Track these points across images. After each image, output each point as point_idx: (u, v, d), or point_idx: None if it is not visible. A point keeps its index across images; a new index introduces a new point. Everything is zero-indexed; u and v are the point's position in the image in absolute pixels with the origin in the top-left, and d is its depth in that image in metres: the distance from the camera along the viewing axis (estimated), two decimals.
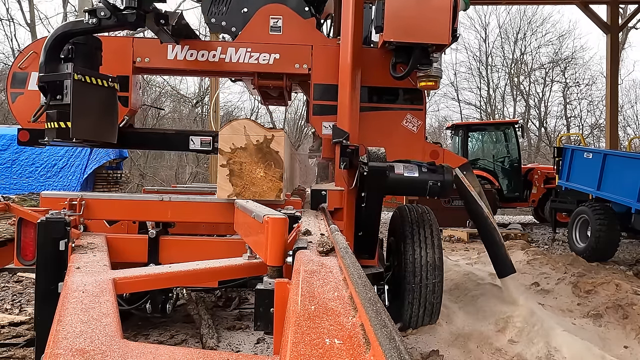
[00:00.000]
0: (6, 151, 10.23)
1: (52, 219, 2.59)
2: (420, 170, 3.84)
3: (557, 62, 29.08)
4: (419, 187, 3.82)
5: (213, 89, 13.37)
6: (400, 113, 4.27)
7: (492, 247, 4.50)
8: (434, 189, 3.79)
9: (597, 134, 27.35)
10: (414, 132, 4.26)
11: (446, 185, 3.82)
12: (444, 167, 3.91)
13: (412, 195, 4.40)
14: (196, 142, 4.21)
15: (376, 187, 3.59)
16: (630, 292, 5.21)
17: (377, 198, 3.70)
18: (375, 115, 4.25)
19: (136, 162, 19.71)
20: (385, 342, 0.85)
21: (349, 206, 3.87)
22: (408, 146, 4.20)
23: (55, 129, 3.22)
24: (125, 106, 4.11)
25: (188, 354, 1.22)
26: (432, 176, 3.81)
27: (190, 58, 4.13)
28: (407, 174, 3.80)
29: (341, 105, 3.93)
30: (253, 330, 4.00)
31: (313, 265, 1.63)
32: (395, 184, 3.74)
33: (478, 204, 4.36)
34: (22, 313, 4.64)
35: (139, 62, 4.15)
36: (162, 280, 2.38)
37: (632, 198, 7.19)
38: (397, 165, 3.82)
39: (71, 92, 3.13)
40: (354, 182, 3.72)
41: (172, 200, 3.48)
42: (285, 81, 4.34)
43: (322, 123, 4.13)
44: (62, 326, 1.38)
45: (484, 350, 3.85)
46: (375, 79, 4.25)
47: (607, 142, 14.10)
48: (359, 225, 3.82)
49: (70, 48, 3.32)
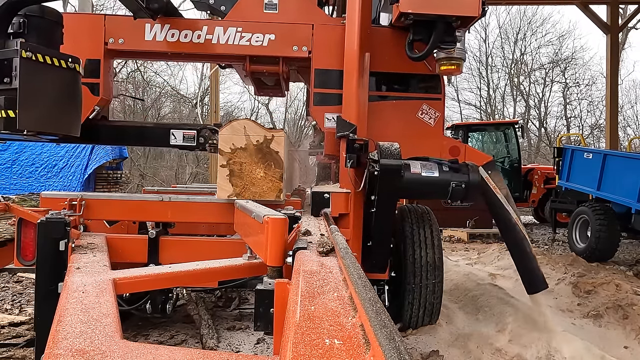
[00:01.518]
0: (6, 151, 10.23)
1: (52, 219, 2.59)
2: (441, 169, 3.30)
3: (557, 63, 29.09)
4: (439, 189, 3.31)
5: (213, 89, 13.36)
6: (414, 103, 3.73)
7: (522, 259, 3.86)
8: (457, 191, 3.27)
9: (597, 134, 27.35)
10: (431, 125, 3.72)
11: (472, 187, 3.30)
12: (468, 166, 3.38)
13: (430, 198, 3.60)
14: (178, 137, 3.81)
15: (389, 189, 3.10)
16: (630, 293, 5.21)
17: (390, 202, 3.22)
18: (386, 105, 3.72)
19: (136, 162, 19.70)
20: (385, 342, 0.85)
21: (356, 212, 3.38)
22: (424, 141, 3.67)
23: (2, 119, 2.66)
24: (96, 95, 3.64)
25: (188, 354, 1.22)
26: (454, 176, 3.28)
27: (171, 39, 3.62)
28: (425, 173, 3.26)
29: (347, 93, 3.42)
30: (253, 330, 4.00)
31: (313, 265, 1.63)
32: (411, 186, 3.25)
33: (505, 208, 3.72)
34: (22, 313, 4.63)
35: (112, 43, 3.64)
36: (162, 281, 2.38)
37: (632, 198, 7.18)
38: (413, 164, 3.29)
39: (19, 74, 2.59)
40: (362, 183, 3.25)
41: (172, 201, 3.48)
42: (281, 66, 3.79)
43: (324, 114, 3.61)
44: (62, 326, 1.38)
45: (484, 351, 3.85)
46: (386, 64, 3.72)
47: (607, 143, 14.10)
48: (368, 234, 3.36)
49: (22, 21, 2.74)
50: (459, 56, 3.45)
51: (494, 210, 3.80)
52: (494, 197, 3.69)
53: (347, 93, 3.42)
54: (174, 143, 3.84)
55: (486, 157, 3.89)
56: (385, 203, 3.18)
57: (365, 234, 3.38)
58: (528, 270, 3.86)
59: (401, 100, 3.75)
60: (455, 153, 3.69)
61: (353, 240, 3.31)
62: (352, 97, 3.39)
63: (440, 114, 3.74)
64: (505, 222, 3.79)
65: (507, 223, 3.77)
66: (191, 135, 3.80)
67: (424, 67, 3.67)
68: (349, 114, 3.37)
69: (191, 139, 3.80)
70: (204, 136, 3.84)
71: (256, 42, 3.64)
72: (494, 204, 3.74)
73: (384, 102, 3.74)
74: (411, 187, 3.28)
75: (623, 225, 7.85)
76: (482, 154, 4.04)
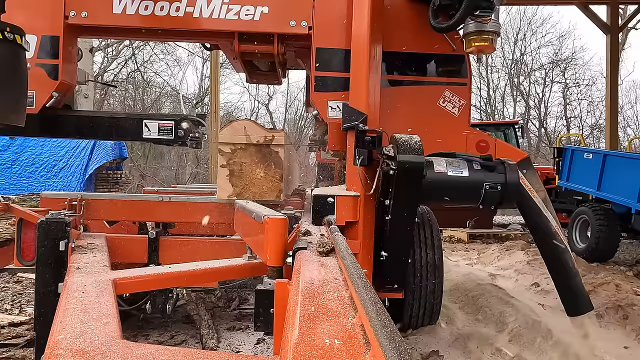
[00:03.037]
0: (6, 151, 10.24)
1: (52, 220, 2.59)
2: (471, 167, 2.77)
3: (557, 63, 29.09)
4: (469, 192, 2.77)
5: (213, 89, 13.36)
6: (435, 89, 3.20)
7: (562, 275, 3.29)
8: (491, 195, 2.73)
9: (597, 135, 27.36)
10: (454, 115, 3.19)
11: (510, 189, 2.77)
12: (504, 164, 2.83)
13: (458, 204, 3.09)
14: (152, 129, 3.34)
15: (408, 192, 2.57)
16: (630, 293, 5.20)
17: (409, 208, 2.67)
18: (400, 92, 3.19)
19: (136, 162, 19.71)
20: (385, 342, 0.85)
21: (367, 219, 2.81)
22: (446, 135, 3.15)
23: None
24: (53, 78, 3.14)
25: (188, 354, 1.22)
26: (488, 176, 2.74)
27: (144, 12, 3.13)
28: (452, 172, 2.72)
29: (355, 77, 2.85)
30: (253, 330, 3.99)
31: (313, 265, 1.63)
32: (435, 188, 2.70)
33: (544, 215, 3.12)
34: (22, 313, 4.63)
35: (74, 17, 3.12)
36: (162, 281, 2.39)
37: (632, 198, 7.19)
38: (437, 161, 2.75)
39: None
40: (374, 184, 2.69)
41: (172, 201, 3.49)
42: (276, 45, 3.27)
43: (327, 102, 3.03)
44: (62, 327, 1.38)
45: (484, 351, 3.85)
46: (402, 42, 3.19)
47: (607, 143, 14.10)
48: (380, 247, 2.85)
49: None
50: (493, 29, 2.84)
51: (529, 217, 3.22)
52: (530, 201, 3.09)
53: (355, 76, 2.84)
54: (148, 136, 3.36)
55: (521, 154, 3.30)
56: (403, 209, 2.63)
57: (377, 247, 2.83)
58: (569, 289, 3.28)
59: (419, 85, 3.21)
60: (483, 148, 3.18)
61: (362, 254, 2.77)
62: (361, 80, 2.82)
63: (466, 102, 3.19)
64: (544, 232, 3.19)
65: (546, 233, 3.18)
66: (168, 127, 3.33)
67: (447, 46, 3.13)
68: (357, 101, 2.80)
69: (168, 132, 3.33)
70: (183, 128, 3.36)
71: (246, 15, 3.13)
72: (530, 209, 3.14)
73: (399, 88, 3.20)
74: (435, 189, 2.71)
75: (623, 225, 7.85)
76: (516, 149, 3.46)
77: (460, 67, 3.25)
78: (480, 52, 3.00)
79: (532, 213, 3.15)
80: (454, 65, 3.24)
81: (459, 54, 3.18)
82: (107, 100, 21.56)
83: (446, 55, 3.21)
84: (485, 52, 2.99)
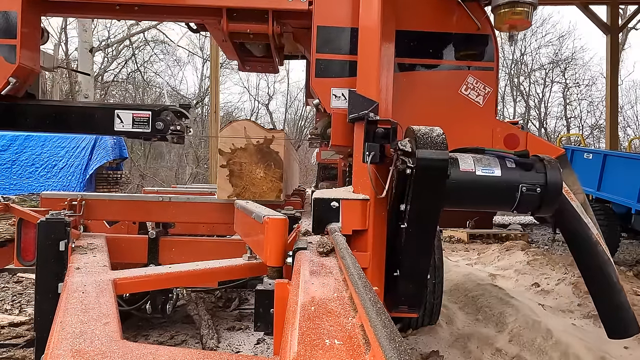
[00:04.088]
0: (6, 152, 10.25)
1: (52, 220, 2.59)
2: (504, 165, 2.31)
3: (557, 63, 29.11)
4: (501, 195, 2.30)
5: (213, 90, 13.37)
6: (457, 74, 2.76)
7: (605, 291, 2.78)
8: (528, 199, 2.27)
9: (597, 135, 27.38)
10: (479, 104, 2.75)
11: (552, 192, 2.28)
12: (544, 160, 2.35)
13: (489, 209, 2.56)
14: (125, 120, 2.95)
15: (428, 195, 2.15)
16: (630, 293, 5.20)
17: (429, 214, 2.22)
18: (416, 78, 2.76)
19: (136, 162, 19.72)
20: (385, 342, 0.85)
21: (378, 228, 2.38)
22: (470, 127, 2.73)
23: None
24: (11, 62, 2.79)
25: (188, 354, 1.22)
26: (525, 176, 2.28)
27: None
28: (482, 171, 2.27)
29: (363, 59, 2.42)
30: (253, 330, 4.00)
31: (313, 265, 1.63)
32: (460, 190, 2.26)
33: (583, 221, 2.66)
34: (22, 313, 4.63)
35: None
36: (162, 281, 2.39)
37: (632, 199, 7.19)
38: (462, 157, 2.31)
39: None
40: (386, 185, 2.24)
41: (172, 201, 3.49)
42: (271, 24, 2.87)
43: (330, 90, 2.57)
44: (62, 327, 1.38)
45: (484, 351, 3.85)
46: (417, 19, 2.74)
47: (607, 143, 14.09)
48: (394, 260, 2.40)
49: None
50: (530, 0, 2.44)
51: (566, 223, 2.72)
52: (567, 204, 2.63)
53: (364, 59, 2.42)
54: (120, 129, 2.97)
55: (557, 150, 2.80)
56: (422, 216, 2.20)
57: (389, 260, 2.41)
58: (613, 306, 2.79)
59: (438, 70, 2.78)
60: (512, 143, 2.73)
61: (372, 269, 2.36)
62: (371, 63, 2.41)
63: (492, 89, 2.76)
64: (583, 240, 2.69)
65: (586, 242, 2.68)
66: (144, 118, 2.91)
67: (470, 23, 2.71)
68: (366, 88, 2.38)
69: (144, 124, 2.93)
70: (164, 120, 2.96)
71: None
72: (567, 214, 2.66)
73: (414, 73, 2.76)
74: (461, 191, 2.26)
75: (623, 225, 7.86)
76: (551, 145, 2.97)
77: (486, 48, 2.80)
78: (513, 28, 2.57)
79: (569, 218, 2.66)
80: (478, 47, 2.78)
81: (484, 34, 2.77)
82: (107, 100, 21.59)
83: (469, 34, 2.77)
84: (519, 28, 2.57)
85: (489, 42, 2.79)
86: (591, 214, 2.73)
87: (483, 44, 2.79)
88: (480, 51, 2.78)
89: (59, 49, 20.89)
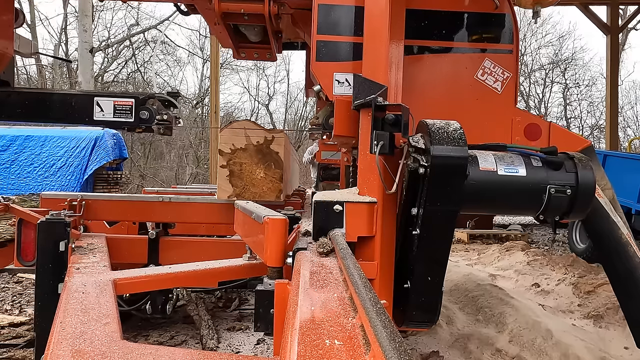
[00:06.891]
0: (5, 152, 10.24)
1: (52, 220, 2.59)
2: (530, 163, 2.05)
3: (557, 63, 29.12)
4: (527, 197, 2.04)
5: (213, 90, 13.38)
6: (472, 58, 2.50)
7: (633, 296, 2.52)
8: (557, 201, 2.01)
9: (597, 135, 27.38)
10: (497, 91, 2.49)
11: (584, 194, 2.03)
12: (574, 158, 2.09)
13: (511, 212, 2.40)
14: (106, 109, 2.72)
15: (444, 197, 1.91)
16: None
17: (445, 218, 1.98)
18: (427, 61, 2.50)
19: (136, 162, 19.72)
20: (385, 343, 0.85)
21: (387, 234, 2.13)
22: (487, 117, 2.47)
23: None
24: None
25: (188, 355, 1.22)
26: (553, 176, 2.02)
27: None
28: (504, 170, 2.01)
29: (369, 42, 2.18)
30: (253, 331, 4.00)
31: (313, 266, 1.63)
32: (480, 191, 1.99)
33: (612, 220, 2.44)
34: (22, 314, 4.63)
35: None
36: (162, 281, 2.39)
37: (632, 199, 7.19)
38: (482, 155, 2.04)
39: None
40: (394, 184, 1.97)
41: (172, 201, 3.49)
42: (268, 3, 2.68)
43: (332, 74, 2.31)
44: (62, 327, 1.38)
45: (484, 351, 3.85)
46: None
47: (607, 143, 14.10)
48: (404, 270, 2.16)
49: None
50: None
51: (593, 222, 2.47)
52: (596, 202, 2.35)
53: (370, 40, 2.18)
54: (100, 118, 2.75)
55: (582, 142, 2.56)
56: (436, 220, 1.96)
57: (399, 269, 2.18)
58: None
59: (449, 53, 2.53)
60: (534, 134, 2.48)
61: (381, 280, 2.11)
62: (378, 45, 2.16)
63: (512, 75, 2.50)
64: (612, 241, 2.45)
65: (615, 242, 2.44)
66: (126, 106, 2.71)
67: (487, 2, 2.47)
68: (374, 71, 2.13)
69: (127, 113, 2.72)
70: (149, 109, 2.77)
71: None
72: (594, 212, 2.37)
73: (425, 56, 2.51)
74: (481, 193, 2.00)
75: None
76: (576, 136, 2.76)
77: (504, 29, 2.54)
78: (538, 3, 2.36)
79: (596, 217, 2.41)
80: (496, 27, 2.53)
81: (502, 13, 2.53)
82: None
83: (486, 14, 2.52)
84: (544, 3, 2.37)
85: (507, 22, 2.55)
86: (620, 212, 2.52)
87: (502, 24, 2.54)
88: (499, 33, 2.54)
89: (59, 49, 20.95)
